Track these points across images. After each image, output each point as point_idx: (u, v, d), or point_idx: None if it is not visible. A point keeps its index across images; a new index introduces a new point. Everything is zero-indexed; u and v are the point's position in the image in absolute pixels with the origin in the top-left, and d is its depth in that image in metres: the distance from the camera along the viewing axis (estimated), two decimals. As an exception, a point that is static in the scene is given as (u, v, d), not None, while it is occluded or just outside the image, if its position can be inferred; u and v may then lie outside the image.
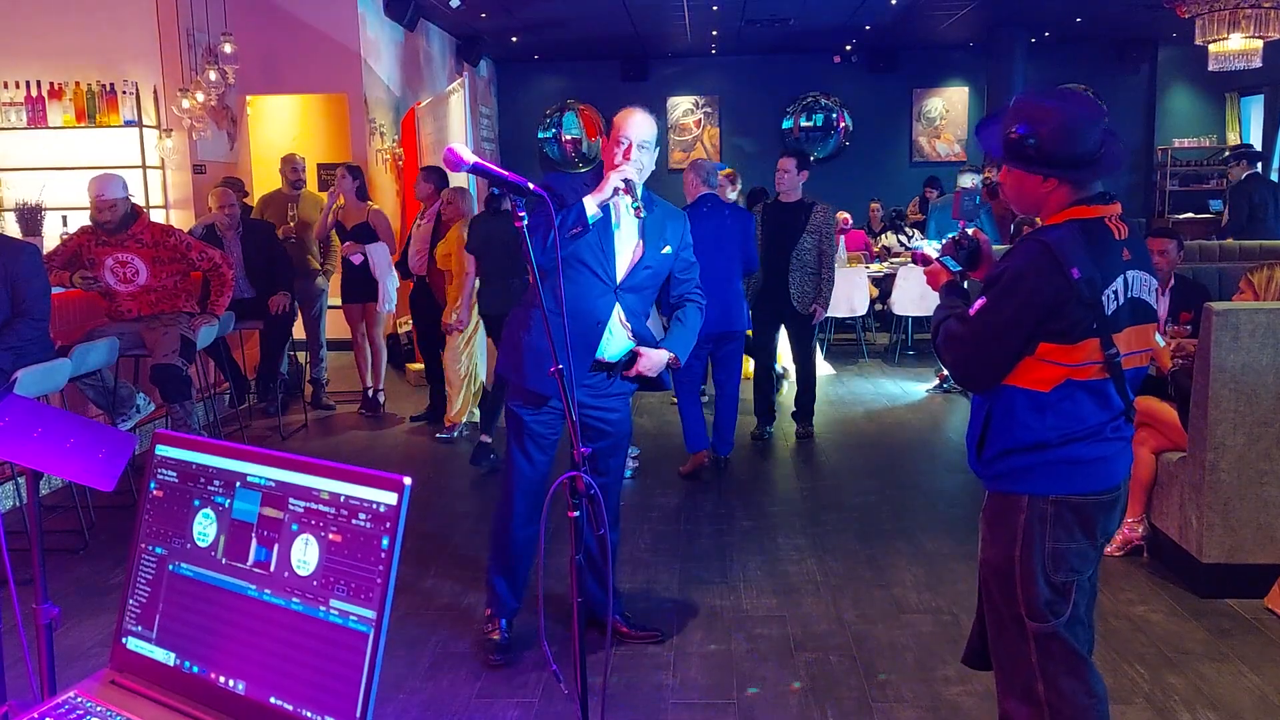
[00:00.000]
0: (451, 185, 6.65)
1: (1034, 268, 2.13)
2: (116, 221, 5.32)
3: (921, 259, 2.55)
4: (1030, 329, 2.15)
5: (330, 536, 1.28)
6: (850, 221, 10.74)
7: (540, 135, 14.92)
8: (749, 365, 8.09)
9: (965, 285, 2.49)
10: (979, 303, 2.19)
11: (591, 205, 3.09)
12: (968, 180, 8.79)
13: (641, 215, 3.12)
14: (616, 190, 3.08)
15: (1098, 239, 2.17)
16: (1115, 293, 2.16)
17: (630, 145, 3.14)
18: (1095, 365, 2.17)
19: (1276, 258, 4.93)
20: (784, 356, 7.27)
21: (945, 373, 7.81)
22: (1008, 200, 2.38)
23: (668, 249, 3.33)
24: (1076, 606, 2.26)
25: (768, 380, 6.44)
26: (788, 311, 6.16)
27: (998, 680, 2.38)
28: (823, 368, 8.45)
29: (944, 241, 2.53)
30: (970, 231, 2.51)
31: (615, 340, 3.28)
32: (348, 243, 6.93)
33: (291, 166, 7.51)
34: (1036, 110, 2.21)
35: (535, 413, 3.31)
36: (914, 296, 8.83)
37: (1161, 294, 4.63)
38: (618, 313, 3.25)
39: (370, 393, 7.23)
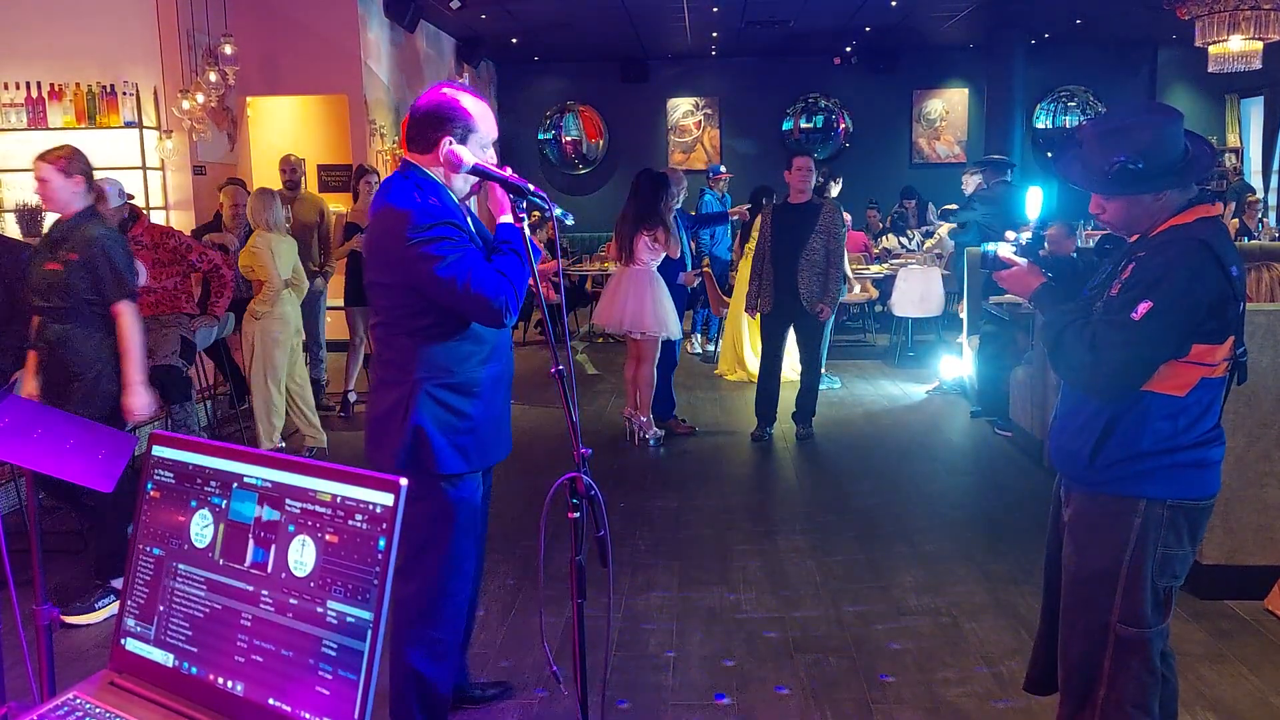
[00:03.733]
0: (257, 188, 6.35)
1: (1201, 266, 2.10)
2: (124, 214, 5.36)
3: (994, 262, 2.47)
4: (1192, 329, 2.12)
5: (327, 538, 1.28)
6: (850, 222, 10.74)
7: (540, 137, 14.93)
8: (749, 367, 8.12)
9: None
10: (1144, 305, 2.10)
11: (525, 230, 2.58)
12: (973, 183, 8.88)
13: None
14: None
15: (1228, 236, 2.19)
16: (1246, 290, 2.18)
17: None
18: (1225, 363, 2.18)
19: (1275, 259, 4.93)
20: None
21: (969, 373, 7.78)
22: (1113, 224, 2.33)
23: None
24: (1170, 615, 2.26)
25: (773, 382, 6.43)
26: (798, 311, 6.18)
27: (1061, 685, 2.38)
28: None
29: (1021, 242, 2.45)
30: (1048, 230, 2.50)
31: None
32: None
33: (288, 167, 7.51)
34: (1125, 134, 2.19)
35: (477, 486, 2.72)
36: (914, 298, 8.83)
37: None
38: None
39: (351, 396, 7.24)
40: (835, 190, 8.31)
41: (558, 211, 2.38)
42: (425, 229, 2.43)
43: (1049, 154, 12.30)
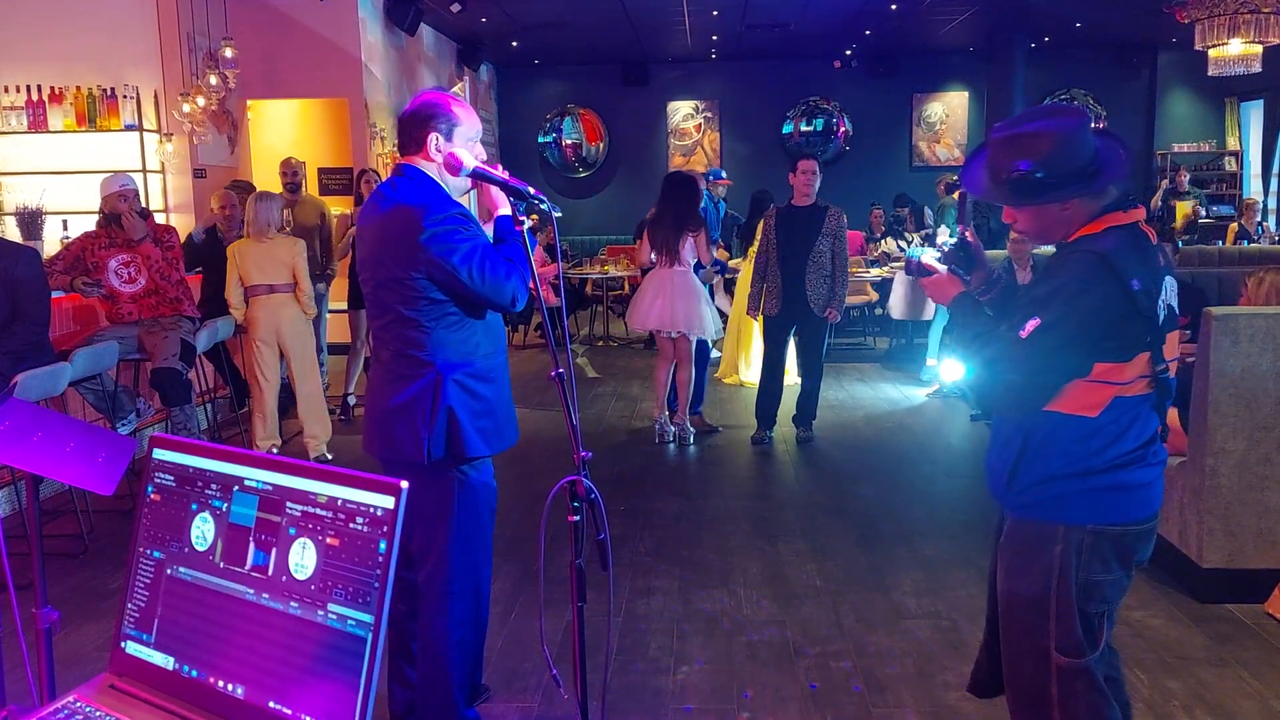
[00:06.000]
0: (258, 190, 6.31)
1: (1095, 281, 2.00)
2: (139, 209, 5.40)
3: (917, 268, 2.38)
4: (1089, 347, 2.03)
5: (328, 540, 1.28)
6: (847, 223, 10.74)
7: (540, 140, 14.94)
8: (745, 372, 8.12)
9: (984, 298, 2.33)
10: (1032, 323, 2.02)
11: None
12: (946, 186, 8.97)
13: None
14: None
15: (1141, 246, 2.07)
16: (1164, 302, 2.06)
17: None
18: (1143, 380, 2.07)
19: (1275, 262, 4.94)
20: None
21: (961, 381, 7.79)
22: (1027, 233, 2.24)
23: None
24: (1106, 638, 2.18)
25: (775, 385, 6.44)
26: (803, 313, 6.19)
27: (1011, 708, 2.31)
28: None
29: (945, 249, 2.37)
30: (969, 235, 2.41)
31: None
32: None
33: (289, 170, 7.53)
34: (1027, 140, 2.08)
35: (492, 470, 2.86)
36: (909, 301, 8.85)
37: None
38: None
39: (351, 399, 7.24)
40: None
41: (543, 207, 2.48)
42: (440, 219, 2.53)
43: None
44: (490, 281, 2.54)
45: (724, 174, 9.93)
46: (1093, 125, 2.15)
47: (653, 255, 6.26)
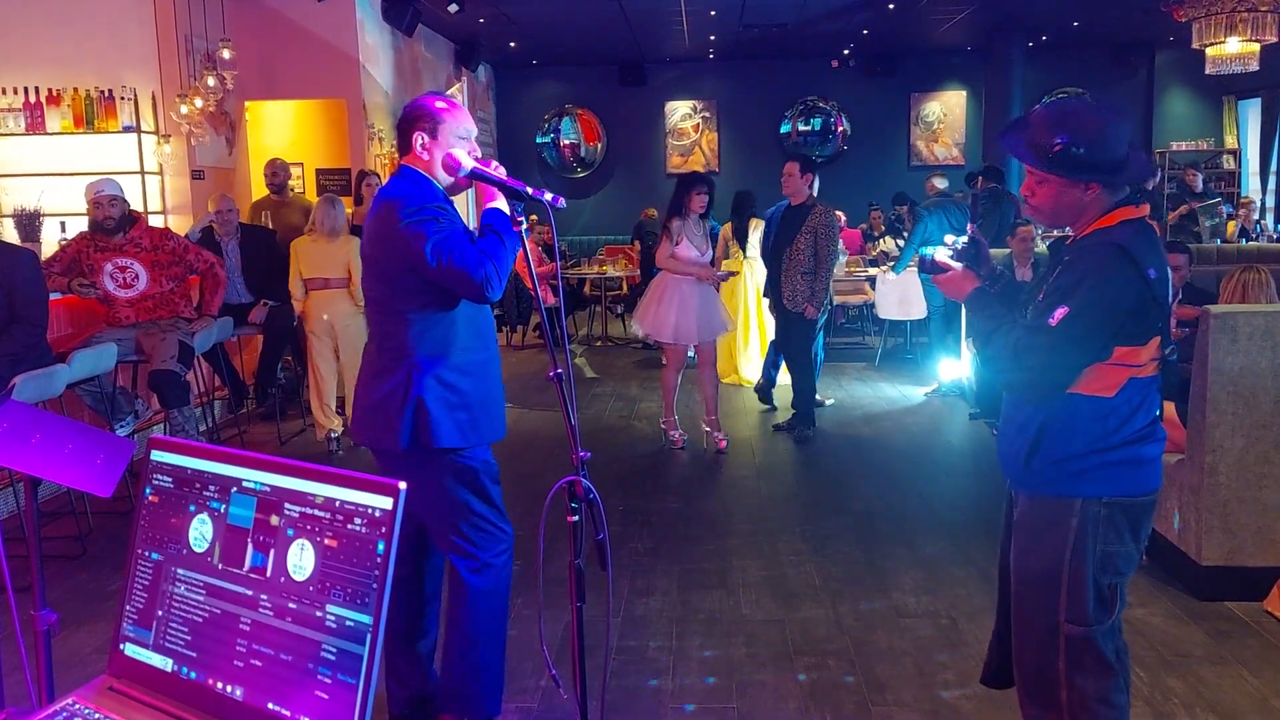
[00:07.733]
0: (326, 195, 6.67)
1: (1116, 270, 2.13)
2: (117, 219, 5.35)
3: (931, 265, 2.47)
4: (1112, 333, 2.15)
5: (326, 541, 1.28)
6: (846, 220, 10.74)
7: (538, 140, 14.94)
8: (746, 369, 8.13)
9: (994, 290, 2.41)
10: (1061, 311, 2.14)
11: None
12: (940, 182, 8.93)
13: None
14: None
15: (1150, 237, 2.21)
16: (1171, 290, 2.20)
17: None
18: (1154, 363, 2.21)
19: (1275, 261, 4.94)
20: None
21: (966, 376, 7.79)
22: (1040, 209, 2.34)
23: None
24: (1118, 612, 2.28)
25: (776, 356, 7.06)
26: (783, 309, 6.34)
27: (1019, 689, 2.38)
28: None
29: (958, 246, 2.46)
30: (976, 233, 2.49)
31: None
32: None
33: (270, 171, 7.53)
34: (1076, 119, 2.22)
35: (486, 455, 2.86)
36: (894, 300, 8.84)
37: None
38: None
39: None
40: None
41: (547, 196, 2.51)
42: (415, 210, 2.58)
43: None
44: (456, 269, 2.52)
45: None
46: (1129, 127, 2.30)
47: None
